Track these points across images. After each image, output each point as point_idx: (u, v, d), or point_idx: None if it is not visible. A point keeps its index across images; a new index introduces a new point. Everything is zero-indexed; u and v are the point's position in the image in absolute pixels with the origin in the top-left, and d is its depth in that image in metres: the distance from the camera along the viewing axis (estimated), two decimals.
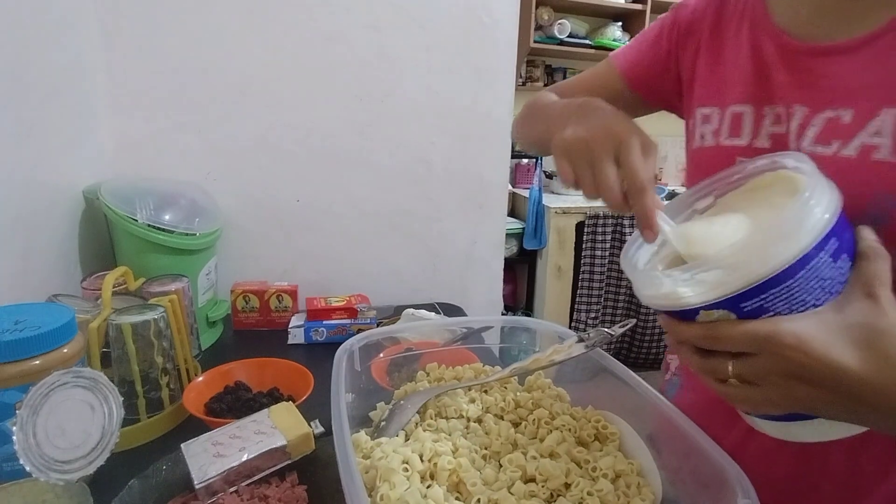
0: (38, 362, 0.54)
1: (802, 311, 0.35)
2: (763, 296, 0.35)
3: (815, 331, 0.34)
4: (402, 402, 0.59)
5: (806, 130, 0.48)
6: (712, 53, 0.59)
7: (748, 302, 0.35)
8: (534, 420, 0.55)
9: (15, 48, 0.79)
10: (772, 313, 0.35)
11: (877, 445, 0.48)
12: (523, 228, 2.65)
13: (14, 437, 0.47)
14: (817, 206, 0.36)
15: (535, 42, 2.79)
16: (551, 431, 0.53)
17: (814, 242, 0.35)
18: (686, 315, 0.38)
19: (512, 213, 2.83)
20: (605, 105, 0.48)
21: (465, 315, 1.22)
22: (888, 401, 0.34)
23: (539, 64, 3.09)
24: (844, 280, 0.37)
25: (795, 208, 0.35)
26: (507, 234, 1.52)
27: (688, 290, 0.37)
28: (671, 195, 2.66)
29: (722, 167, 0.46)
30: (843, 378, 0.33)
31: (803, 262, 0.35)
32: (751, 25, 0.55)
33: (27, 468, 0.47)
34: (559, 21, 2.84)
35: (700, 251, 0.39)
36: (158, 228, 0.92)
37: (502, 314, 1.97)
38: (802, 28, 0.50)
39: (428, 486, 0.46)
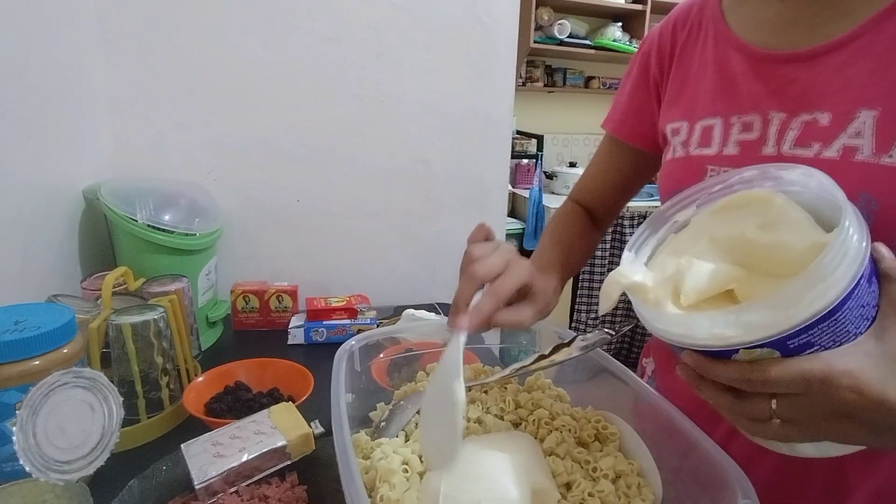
0: (38, 362, 0.54)
1: (845, 342, 0.34)
2: (812, 331, 0.33)
3: (867, 368, 0.33)
4: (402, 402, 0.59)
5: (785, 134, 0.49)
6: (680, 72, 0.60)
7: (796, 339, 0.33)
8: (534, 420, 0.55)
9: (15, 48, 0.79)
10: (817, 347, 0.34)
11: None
12: (523, 228, 2.65)
13: (14, 438, 0.47)
14: (856, 233, 0.34)
15: (535, 42, 2.79)
16: (551, 432, 0.53)
17: (860, 271, 0.34)
18: (722, 354, 0.36)
19: (512, 213, 2.83)
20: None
21: None
22: None
23: (539, 64, 3.09)
24: (876, 304, 0.36)
25: (838, 243, 0.33)
26: (507, 234, 1.52)
27: (731, 331, 0.34)
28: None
29: (692, 176, 0.47)
30: None
31: (851, 292, 0.33)
32: (714, 40, 0.56)
33: (27, 468, 0.47)
34: (559, 21, 2.84)
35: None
36: (158, 228, 0.92)
37: None
38: (764, 38, 0.52)
39: None
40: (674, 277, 0.42)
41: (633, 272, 0.43)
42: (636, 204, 2.58)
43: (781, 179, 0.42)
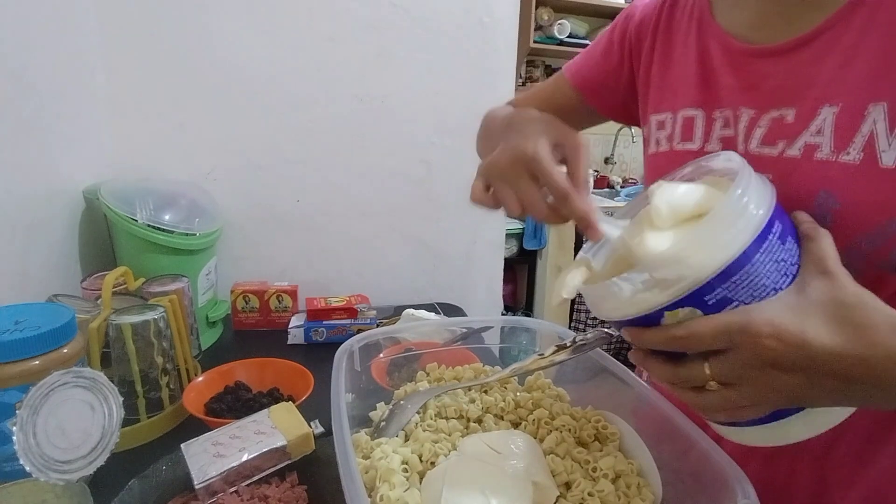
0: (38, 362, 0.54)
1: (765, 298, 0.35)
2: (725, 284, 0.35)
3: (786, 315, 0.34)
4: (402, 402, 0.59)
5: (753, 132, 0.48)
6: (663, 58, 0.59)
7: (712, 294, 0.35)
8: (534, 420, 0.55)
9: (15, 48, 0.79)
10: (736, 303, 0.35)
11: (841, 451, 0.49)
12: (523, 228, 2.65)
13: (14, 437, 0.47)
14: (753, 191, 0.36)
15: (535, 42, 2.79)
16: (551, 432, 0.53)
17: (763, 223, 0.35)
18: (651, 320, 0.37)
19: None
20: (532, 116, 0.49)
21: (465, 315, 1.22)
22: (871, 371, 0.33)
23: (539, 64, 3.09)
24: (796, 262, 0.37)
25: (735, 196, 0.35)
26: (507, 234, 1.52)
27: (649, 293, 0.36)
28: None
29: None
30: (822, 357, 0.33)
31: (758, 242, 0.35)
32: (698, 29, 0.55)
33: (27, 468, 0.47)
34: (559, 21, 2.84)
35: (652, 246, 0.38)
36: (158, 228, 0.92)
37: (502, 314, 1.97)
38: (745, 31, 0.51)
39: None
40: (638, 223, 0.42)
41: (576, 276, 0.43)
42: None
43: (713, 170, 0.44)
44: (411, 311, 1.05)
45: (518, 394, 0.60)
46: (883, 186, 0.40)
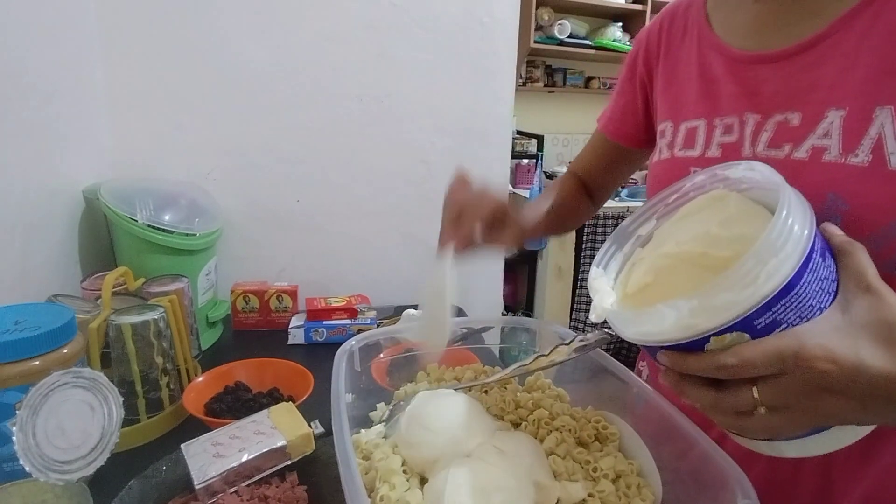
0: (38, 362, 0.54)
1: (811, 318, 0.34)
2: (776, 308, 0.34)
3: (836, 337, 0.33)
4: (401, 402, 0.59)
5: (759, 136, 0.49)
6: (667, 75, 0.61)
7: (763, 317, 0.34)
8: (534, 420, 0.55)
9: (15, 48, 0.79)
10: (785, 325, 0.34)
11: (846, 449, 0.48)
12: None
13: (14, 438, 0.47)
14: (795, 210, 0.35)
15: (535, 42, 2.79)
16: (551, 432, 0.53)
17: (809, 243, 0.35)
18: (694, 345, 0.36)
19: None
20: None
21: (465, 315, 1.22)
22: None
23: (539, 64, 3.09)
24: (835, 278, 0.36)
25: (781, 219, 0.35)
26: None
27: (696, 319, 0.35)
28: None
29: (677, 178, 0.47)
30: (878, 380, 0.33)
31: (805, 263, 0.34)
32: (698, 42, 0.57)
33: (27, 468, 0.47)
34: (559, 21, 2.84)
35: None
36: (158, 229, 0.92)
37: (502, 314, 1.97)
38: (742, 39, 0.52)
39: None
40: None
41: (605, 299, 0.44)
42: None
43: (729, 179, 0.43)
44: (411, 311, 1.05)
45: (518, 394, 0.60)
46: (891, 188, 0.41)
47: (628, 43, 2.98)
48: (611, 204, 2.80)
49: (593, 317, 0.42)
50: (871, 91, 0.42)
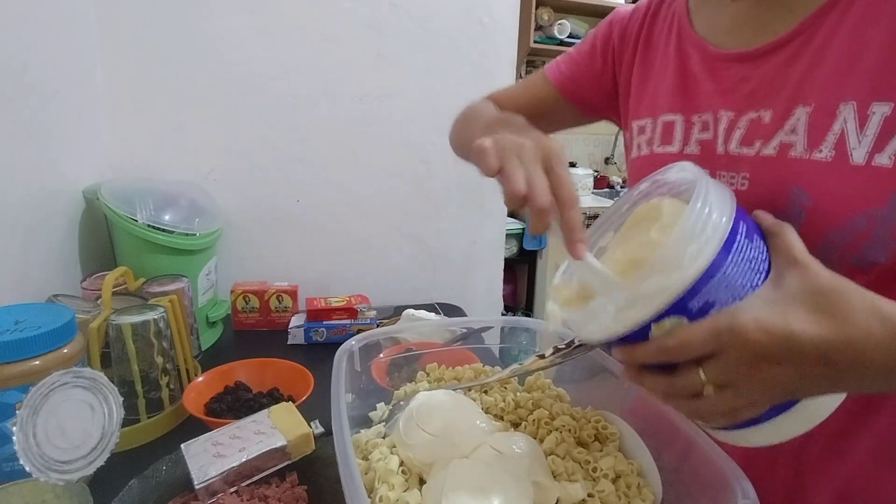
0: (38, 362, 0.55)
1: (744, 296, 0.36)
2: (706, 288, 0.36)
3: (768, 309, 0.35)
4: (401, 402, 0.59)
5: (732, 134, 0.50)
6: (643, 67, 0.61)
7: (695, 299, 0.36)
8: (534, 420, 0.55)
9: (15, 48, 0.79)
10: (718, 305, 0.36)
11: (817, 446, 0.49)
12: (523, 228, 2.65)
13: (14, 438, 0.47)
14: (713, 198, 0.37)
15: (535, 42, 2.78)
16: (551, 432, 0.53)
17: (728, 227, 0.36)
18: (639, 336, 0.38)
19: (512, 213, 2.83)
20: (525, 122, 0.51)
21: (465, 315, 1.22)
22: (855, 353, 0.34)
23: (539, 64, 3.09)
24: (766, 258, 0.38)
25: (696, 208, 0.36)
26: (507, 234, 1.52)
27: (633, 310, 0.37)
28: None
29: None
30: (808, 345, 0.34)
31: (727, 245, 0.36)
32: (678, 38, 0.57)
33: (27, 468, 0.47)
34: (559, 21, 2.84)
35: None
36: (158, 228, 0.92)
37: (502, 314, 1.97)
38: (721, 37, 0.52)
39: None
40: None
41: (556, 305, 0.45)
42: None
43: (668, 183, 0.45)
44: (411, 311, 1.05)
45: (518, 394, 0.60)
46: (853, 183, 0.41)
47: None
48: (610, 203, 2.80)
49: (549, 325, 0.43)
50: (835, 87, 0.43)
